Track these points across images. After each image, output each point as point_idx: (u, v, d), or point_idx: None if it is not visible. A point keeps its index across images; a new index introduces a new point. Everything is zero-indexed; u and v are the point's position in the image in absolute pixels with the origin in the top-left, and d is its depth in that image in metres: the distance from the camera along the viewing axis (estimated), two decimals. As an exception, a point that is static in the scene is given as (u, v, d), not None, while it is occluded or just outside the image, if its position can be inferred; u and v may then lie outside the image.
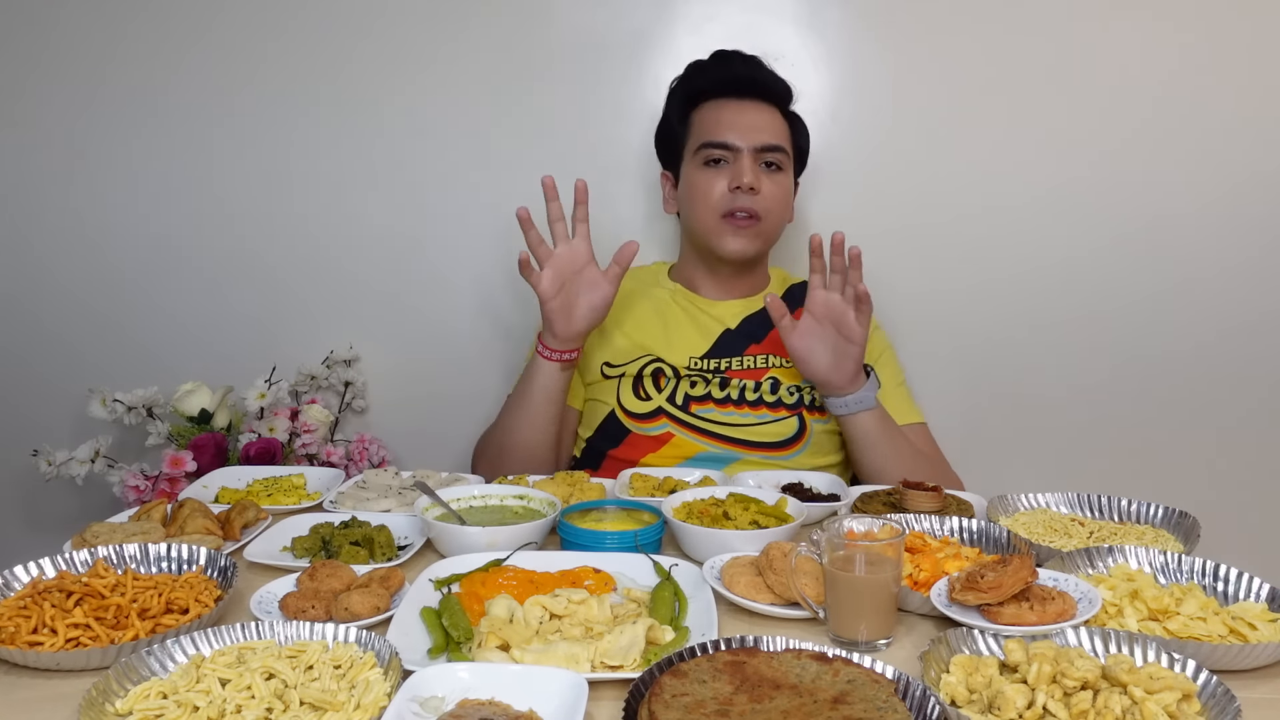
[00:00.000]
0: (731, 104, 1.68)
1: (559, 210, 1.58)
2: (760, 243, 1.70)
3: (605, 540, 1.19)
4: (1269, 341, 1.95)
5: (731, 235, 1.67)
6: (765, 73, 1.72)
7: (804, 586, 1.02)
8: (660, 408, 1.68)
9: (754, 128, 1.66)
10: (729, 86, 1.70)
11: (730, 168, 1.65)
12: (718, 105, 1.69)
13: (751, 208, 1.64)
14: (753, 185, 1.62)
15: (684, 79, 1.76)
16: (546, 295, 1.56)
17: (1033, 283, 1.97)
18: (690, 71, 1.76)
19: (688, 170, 1.71)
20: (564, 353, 1.60)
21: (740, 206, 1.64)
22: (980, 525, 1.23)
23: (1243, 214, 1.92)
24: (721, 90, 1.70)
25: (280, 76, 2.00)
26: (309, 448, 1.93)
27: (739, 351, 1.72)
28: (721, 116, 1.67)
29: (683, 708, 0.79)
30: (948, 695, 0.85)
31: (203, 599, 1.03)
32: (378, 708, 0.82)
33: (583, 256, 1.58)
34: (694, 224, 1.71)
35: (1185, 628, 0.96)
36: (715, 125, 1.67)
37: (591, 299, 1.58)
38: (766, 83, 1.70)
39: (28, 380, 2.14)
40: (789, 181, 1.72)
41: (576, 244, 1.58)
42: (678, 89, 1.76)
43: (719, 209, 1.66)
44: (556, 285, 1.57)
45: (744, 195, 1.63)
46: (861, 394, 1.58)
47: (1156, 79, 1.89)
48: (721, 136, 1.65)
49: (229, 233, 2.06)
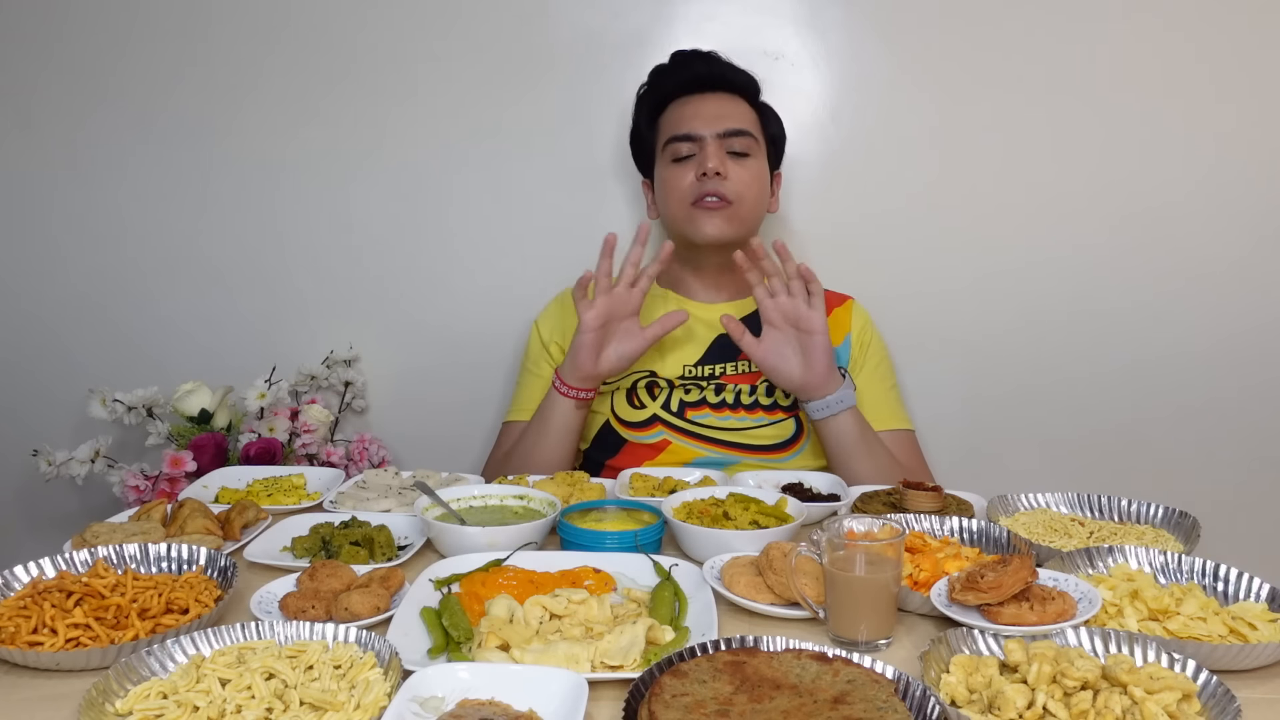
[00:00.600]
0: (694, 99, 1.70)
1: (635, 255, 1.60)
2: (735, 226, 1.66)
3: (605, 540, 1.19)
4: (1269, 342, 1.95)
5: (704, 219, 1.65)
6: (724, 66, 1.72)
7: (804, 586, 1.02)
8: (655, 415, 1.68)
9: (716, 116, 1.66)
10: (691, 85, 1.71)
11: (697, 158, 1.66)
12: (681, 103, 1.71)
13: (719, 190, 1.63)
14: (718, 170, 1.62)
15: (648, 85, 1.78)
16: (589, 325, 1.57)
17: (1033, 283, 1.97)
18: (653, 77, 1.77)
19: (659, 170, 1.73)
20: (581, 390, 1.61)
21: (708, 191, 1.64)
22: (980, 525, 1.23)
23: (1244, 214, 1.91)
24: (684, 90, 1.71)
25: (279, 77, 2.00)
26: (309, 448, 1.93)
27: (733, 357, 1.71)
28: (684, 111, 1.69)
29: (683, 708, 0.79)
30: (948, 695, 0.85)
31: (203, 599, 1.03)
32: (378, 708, 0.82)
33: (633, 305, 1.60)
34: (669, 219, 1.72)
35: (1185, 628, 0.96)
36: (679, 120, 1.68)
37: (622, 348, 1.60)
38: (726, 75, 1.71)
39: (28, 380, 2.14)
40: (761, 167, 1.70)
41: (635, 293, 1.60)
42: (644, 96, 1.77)
43: (688, 198, 1.66)
44: (601, 319, 1.57)
45: (711, 180, 1.63)
46: (840, 393, 1.56)
47: (1158, 78, 1.89)
48: (684, 128, 1.66)
49: (229, 233, 2.06)
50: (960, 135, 1.94)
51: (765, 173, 1.72)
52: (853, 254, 1.96)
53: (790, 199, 1.95)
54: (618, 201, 2.01)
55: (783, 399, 1.68)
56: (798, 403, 1.66)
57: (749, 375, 1.70)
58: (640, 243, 1.60)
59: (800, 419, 1.68)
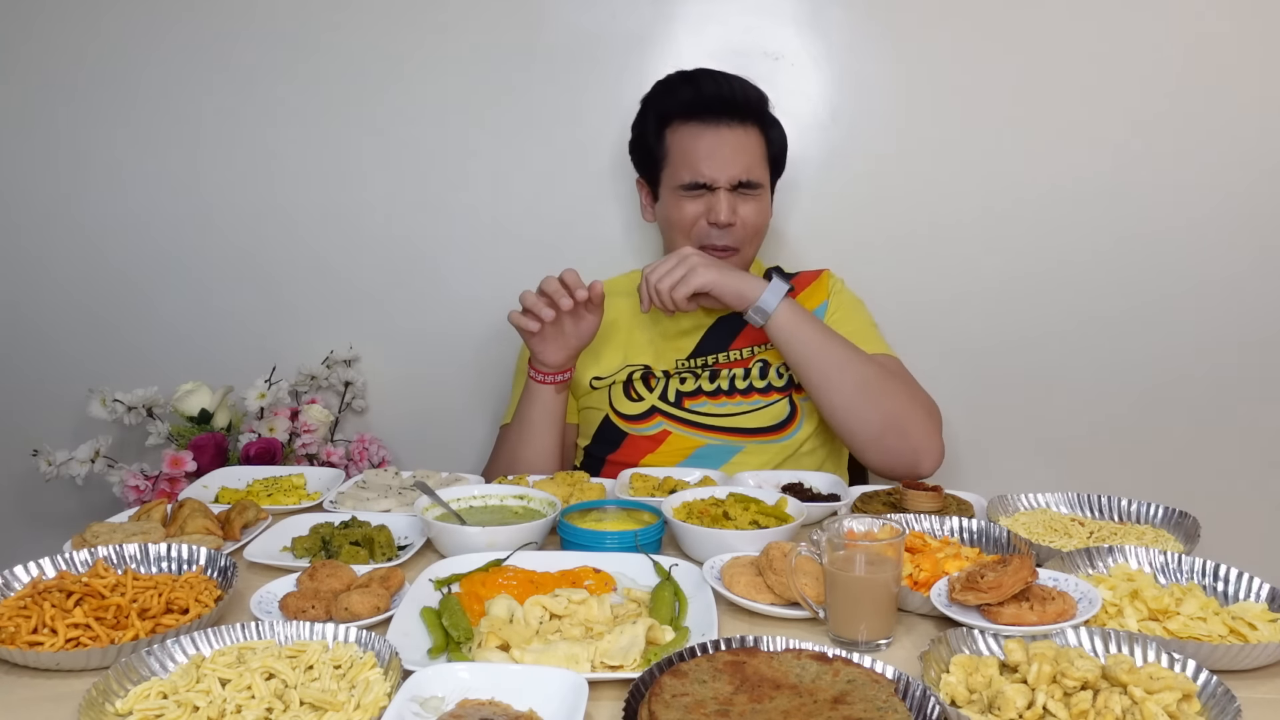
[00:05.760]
0: (707, 131, 1.63)
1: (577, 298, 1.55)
2: (737, 265, 1.64)
3: (605, 540, 1.19)
4: (1270, 342, 1.95)
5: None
6: (736, 89, 1.65)
7: (804, 586, 1.02)
8: (654, 406, 1.69)
9: (730, 160, 1.62)
10: (699, 108, 1.64)
11: (707, 198, 1.63)
12: (693, 132, 1.64)
13: (728, 244, 1.64)
14: (729, 221, 1.62)
15: (654, 99, 1.72)
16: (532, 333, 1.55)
17: (1034, 283, 1.97)
18: (659, 91, 1.71)
19: (666, 195, 1.69)
20: (557, 374, 1.61)
21: (717, 244, 1.64)
22: (980, 525, 1.23)
23: (1245, 217, 1.92)
24: (692, 112, 1.65)
25: (279, 77, 2.00)
26: (309, 448, 1.93)
27: (724, 346, 1.72)
28: (699, 147, 1.62)
29: (683, 708, 0.79)
30: (948, 695, 0.85)
31: (203, 599, 1.03)
32: (378, 708, 0.82)
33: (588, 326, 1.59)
34: (670, 241, 1.70)
35: (1185, 628, 0.96)
36: (693, 158, 1.62)
37: (580, 329, 1.59)
38: (738, 101, 1.64)
39: (28, 380, 2.14)
40: (766, 194, 1.69)
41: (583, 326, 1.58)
42: (649, 107, 1.72)
43: (696, 240, 1.65)
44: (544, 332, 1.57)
45: (721, 232, 1.63)
46: (759, 303, 1.52)
47: (1162, 79, 1.89)
48: (699, 175, 1.62)
49: (228, 233, 2.06)
50: (960, 135, 1.94)
51: (769, 197, 1.72)
52: (852, 254, 1.96)
53: (790, 199, 1.95)
54: (616, 201, 2.01)
55: (776, 380, 1.68)
56: (792, 381, 1.65)
57: (741, 361, 1.71)
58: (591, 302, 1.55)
59: (794, 399, 1.68)
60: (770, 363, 1.70)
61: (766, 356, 1.70)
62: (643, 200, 1.79)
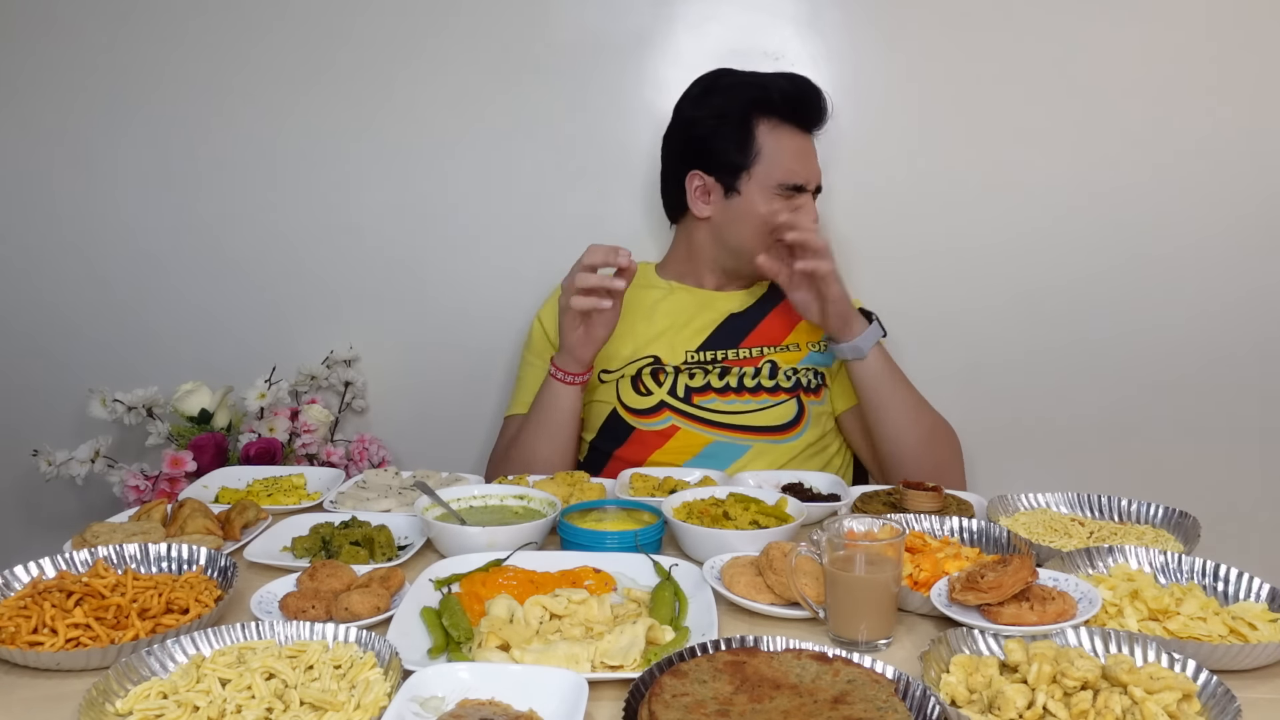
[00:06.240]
0: (800, 138, 1.70)
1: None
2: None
3: (605, 540, 1.19)
4: (1271, 343, 1.95)
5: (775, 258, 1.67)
6: (825, 98, 1.71)
7: (804, 586, 1.02)
8: (663, 401, 1.69)
9: (816, 168, 1.72)
10: (796, 113, 1.68)
11: (794, 199, 1.68)
12: (791, 136, 1.68)
13: None
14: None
15: (738, 89, 1.69)
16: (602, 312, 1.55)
17: (1034, 284, 1.97)
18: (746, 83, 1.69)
19: (753, 190, 1.67)
20: (581, 375, 1.62)
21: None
22: (980, 525, 1.23)
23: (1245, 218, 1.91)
24: (788, 114, 1.67)
25: (278, 78, 2.00)
26: (309, 448, 1.93)
27: (735, 343, 1.73)
28: (797, 148, 1.69)
29: (683, 708, 0.79)
30: (948, 695, 0.85)
31: (203, 599, 1.03)
32: (378, 708, 0.82)
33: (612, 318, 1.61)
34: (738, 234, 1.69)
35: (1185, 628, 0.96)
36: (791, 162, 1.67)
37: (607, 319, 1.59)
38: (825, 110, 1.71)
39: (28, 380, 2.14)
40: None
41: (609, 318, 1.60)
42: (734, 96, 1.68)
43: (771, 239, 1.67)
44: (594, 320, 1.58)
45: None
46: (857, 343, 1.61)
47: (1165, 80, 1.89)
48: (797, 177, 1.67)
49: (229, 233, 2.06)
50: (960, 136, 1.94)
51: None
52: (852, 254, 1.96)
53: (790, 199, 1.95)
54: (617, 199, 2.01)
55: (784, 381, 1.70)
56: (800, 383, 1.70)
57: (750, 360, 1.71)
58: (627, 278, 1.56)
59: (801, 400, 1.70)
60: (779, 364, 1.71)
61: (775, 358, 1.71)
62: (694, 194, 1.71)
